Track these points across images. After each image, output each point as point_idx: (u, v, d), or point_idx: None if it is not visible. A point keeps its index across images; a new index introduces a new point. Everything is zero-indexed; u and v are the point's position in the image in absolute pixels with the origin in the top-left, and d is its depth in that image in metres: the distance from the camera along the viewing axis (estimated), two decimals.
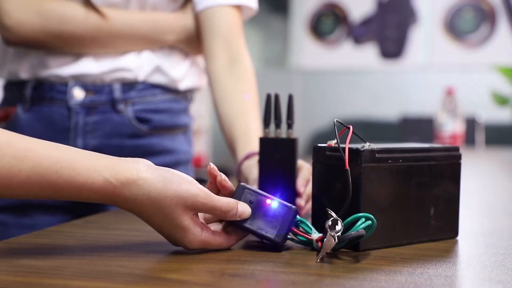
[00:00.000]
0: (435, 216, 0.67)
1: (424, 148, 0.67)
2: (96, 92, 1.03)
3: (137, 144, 1.06)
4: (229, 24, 1.05)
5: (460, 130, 2.19)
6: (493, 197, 1.15)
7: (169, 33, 1.05)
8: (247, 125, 0.98)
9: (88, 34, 1.00)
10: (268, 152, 0.80)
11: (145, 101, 1.06)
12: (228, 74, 1.03)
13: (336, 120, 0.63)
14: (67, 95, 1.02)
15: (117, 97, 1.04)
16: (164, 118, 1.09)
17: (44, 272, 0.51)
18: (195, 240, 0.58)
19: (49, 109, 1.03)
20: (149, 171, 0.57)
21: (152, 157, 1.05)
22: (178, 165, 1.12)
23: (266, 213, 0.61)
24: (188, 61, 1.11)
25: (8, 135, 0.55)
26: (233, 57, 1.04)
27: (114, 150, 1.03)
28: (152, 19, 1.04)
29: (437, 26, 4.20)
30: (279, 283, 0.50)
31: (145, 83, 1.06)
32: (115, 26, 1.01)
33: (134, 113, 1.05)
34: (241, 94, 1.02)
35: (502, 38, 4.08)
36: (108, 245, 0.62)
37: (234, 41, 1.05)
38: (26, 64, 1.03)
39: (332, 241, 0.57)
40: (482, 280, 0.53)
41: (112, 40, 1.02)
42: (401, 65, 4.26)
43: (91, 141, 1.04)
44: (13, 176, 0.53)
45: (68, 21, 0.99)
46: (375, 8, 4.33)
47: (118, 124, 1.05)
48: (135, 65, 1.04)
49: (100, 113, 1.04)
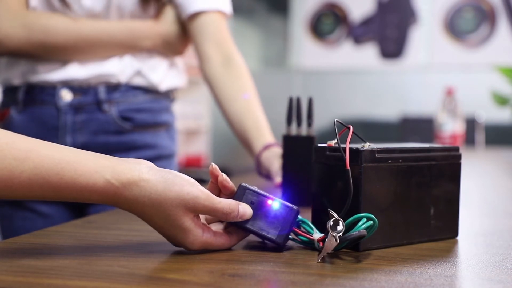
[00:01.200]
0: (435, 216, 0.67)
1: (424, 148, 0.67)
2: (83, 93, 1.12)
3: (121, 140, 1.15)
4: (217, 27, 1.14)
5: (460, 130, 2.19)
6: (493, 197, 1.15)
7: (144, 39, 1.14)
8: (256, 120, 1.07)
9: (70, 43, 1.09)
10: (290, 148, 0.92)
11: (127, 101, 1.15)
12: (224, 74, 1.12)
13: (336, 120, 0.63)
14: (56, 97, 1.11)
15: (102, 98, 1.13)
16: (145, 116, 1.17)
17: (44, 272, 0.51)
18: (196, 241, 0.58)
19: (39, 110, 1.12)
20: (150, 173, 0.56)
21: (135, 151, 1.16)
22: (160, 159, 1.20)
23: (267, 214, 0.61)
24: (167, 63, 1.20)
25: (9, 136, 0.55)
26: (226, 57, 1.13)
27: (100, 146, 1.13)
28: (128, 27, 1.12)
29: (437, 26, 4.20)
30: (279, 283, 0.50)
31: (127, 85, 1.15)
32: (94, 35, 1.10)
33: (118, 113, 1.14)
34: (241, 92, 1.10)
35: (502, 38, 4.08)
36: (108, 245, 0.62)
37: (225, 43, 1.14)
38: (17, 71, 1.12)
39: (333, 241, 0.57)
40: (482, 280, 0.53)
41: (92, 48, 1.11)
42: (401, 65, 4.26)
43: (79, 138, 1.12)
44: (14, 178, 0.53)
45: (51, 32, 1.07)
46: (375, 8, 4.33)
47: (103, 122, 1.13)
48: (118, 70, 1.13)
49: (87, 113, 1.12)
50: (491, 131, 3.39)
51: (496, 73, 2.45)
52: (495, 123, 3.60)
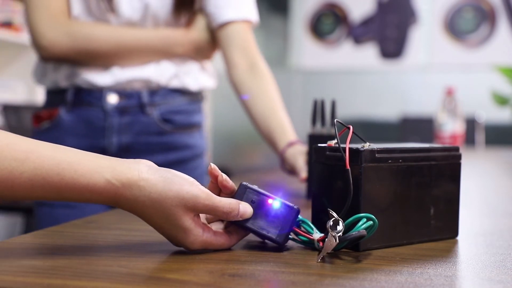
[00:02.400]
0: (435, 216, 0.67)
1: (424, 148, 0.67)
2: (127, 97, 1.22)
3: (161, 141, 1.25)
4: (244, 36, 1.26)
5: (460, 130, 2.19)
6: (493, 197, 1.15)
7: (177, 46, 1.24)
8: (280, 120, 1.18)
9: (111, 50, 1.19)
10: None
11: (167, 104, 1.25)
12: (249, 79, 1.23)
13: (336, 120, 0.63)
14: (102, 100, 1.21)
15: (145, 101, 1.23)
16: (182, 118, 1.28)
17: (44, 272, 0.51)
18: (197, 241, 0.58)
19: (87, 111, 1.22)
20: (150, 172, 0.56)
21: (175, 151, 1.27)
22: (195, 158, 1.30)
23: (268, 213, 0.61)
24: (198, 67, 1.30)
25: (10, 137, 0.55)
26: (251, 63, 1.24)
27: (142, 146, 1.24)
28: (163, 35, 1.23)
29: (437, 26, 4.20)
30: (279, 283, 0.50)
31: (166, 88, 1.25)
32: (133, 42, 1.20)
33: (159, 115, 1.24)
34: (266, 94, 1.22)
35: (502, 38, 4.08)
36: (108, 245, 0.62)
37: (250, 50, 1.25)
38: (63, 75, 1.21)
39: (333, 241, 0.57)
40: (482, 280, 0.53)
41: (131, 54, 1.21)
42: (401, 65, 4.26)
43: (124, 138, 1.22)
44: (15, 179, 0.53)
45: (94, 41, 1.18)
46: (375, 8, 4.33)
47: (146, 124, 1.23)
48: (156, 74, 1.23)
49: (131, 115, 1.22)
50: (491, 131, 3.39)
51: (496, 73, 2.45)
52: (495, 123, 3.60)
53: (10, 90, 2.88)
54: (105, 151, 1.21)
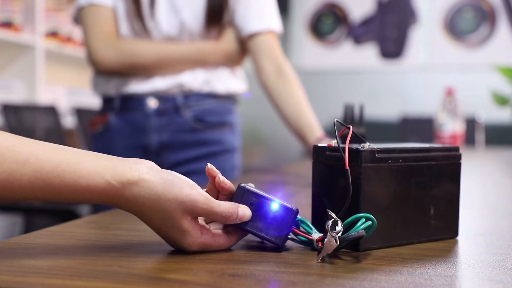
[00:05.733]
0: (435, 216, 0.67)
1: (424, 148, 0.67)
2: (164, 101, 1.42)
3: (195, 138, 1.44)
4: (270, 45, 1.45)
5: (460, 130, 2.19)
6: (493, 197, 1.15)
7: (210, 56, 1.43)
8: (308, 119, 1.39)
9: (153, 63, 1.40)
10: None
11: (199, 106, 1.44)
12: (277, 83, 1.42)
13: (336, 120, 0.63)
14: (144, 105, 1.42)
15: (179, 104, 1.43)
16: (213, 117, 1.47)
17: (44, 272, 0.51)
18: (195, 243, 0.58)
19: (131, 115, 1.42)
20: (150, 173, 0.56)
21: (206, 146, 1.45)
22: (225, 153, 1.47)
23: (266, 215, 0.61)
24: (228, 73, 1.48)
25: (10, 140, 0.54)
26: (278, 68, 1.43)
27: (179, 143, 1.43)
28: (197, 47, 1.42)
29: (437, 26, 4.20)
30: (279, 283, 0.50)
31: (198, 93, 1.44)
32: (171, 55, 1.40)
33: (192, 116, 1.43)
34: (294, 97, 1.41)
35: (502, 38, 4.08)
36: (108, 245, 0.62)
37: (277, 57, 1.44)
38: (112, 85, 1.43)
39: (332, 242, 0.57)
40: (482, 280, 0.53)
41: (170, 65, 1.41)
42: (401, 65, 4.26)
43: (163, 137, 1.42)
44: (15, 181, 0.53)
45: (138, 55, 1.39)
46: (375, 8, 4.33)
47: (181, 124, 1.43)
48: (190, 80, 1.42)
49: (168, 117, 1.42)
50: (491, 131, 3.39)
51: (496, 73, 2.45)
52: (495, 123, 3.60)
53: (10, 90, 2.88)
54: (148, 148, 1.42)
